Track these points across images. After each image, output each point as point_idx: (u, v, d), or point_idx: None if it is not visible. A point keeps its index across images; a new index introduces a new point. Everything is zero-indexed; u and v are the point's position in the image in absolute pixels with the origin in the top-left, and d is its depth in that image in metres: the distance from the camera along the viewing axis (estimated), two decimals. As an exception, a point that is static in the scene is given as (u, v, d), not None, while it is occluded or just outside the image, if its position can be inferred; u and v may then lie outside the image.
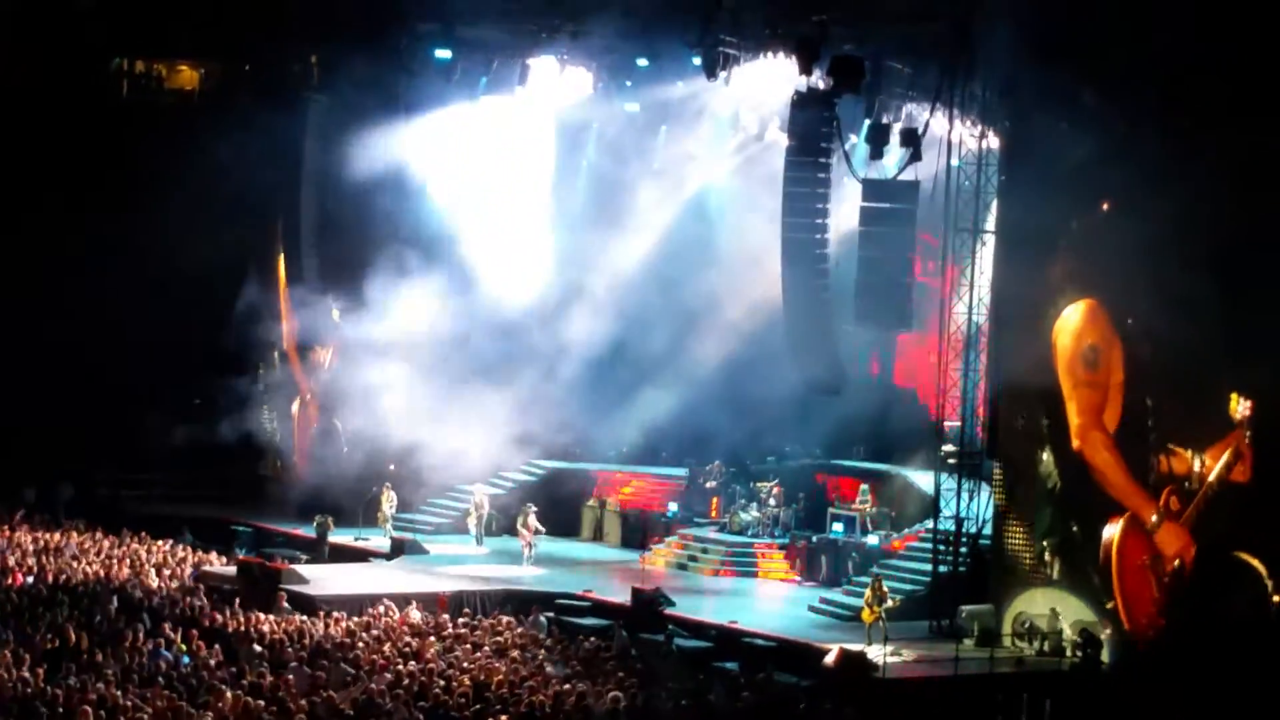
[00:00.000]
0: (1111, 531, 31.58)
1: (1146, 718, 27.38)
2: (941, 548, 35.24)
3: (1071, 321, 32.54)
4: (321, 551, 40.35)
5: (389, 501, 42.53)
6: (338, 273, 44.31)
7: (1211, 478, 30.21)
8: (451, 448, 41.84)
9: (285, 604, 32.86)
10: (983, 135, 35.42)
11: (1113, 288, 31.71)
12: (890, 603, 32.78)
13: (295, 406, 46.43)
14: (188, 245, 42.31)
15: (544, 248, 43.86)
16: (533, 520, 40.22)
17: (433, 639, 29.84)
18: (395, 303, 42.22)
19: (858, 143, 38.92)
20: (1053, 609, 32.17)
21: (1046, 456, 33.10)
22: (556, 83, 41.80)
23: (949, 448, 35.94)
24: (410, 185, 43.58)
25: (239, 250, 44.88)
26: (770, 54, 38.16)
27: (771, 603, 37.39)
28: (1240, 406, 29.76)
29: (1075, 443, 32.30)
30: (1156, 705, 27.38)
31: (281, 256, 46.02)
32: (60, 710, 22.64)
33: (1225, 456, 30.07)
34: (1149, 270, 29.95)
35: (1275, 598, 29.27)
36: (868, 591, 32.89)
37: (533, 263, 43.45)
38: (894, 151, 37.71)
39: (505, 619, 33.03)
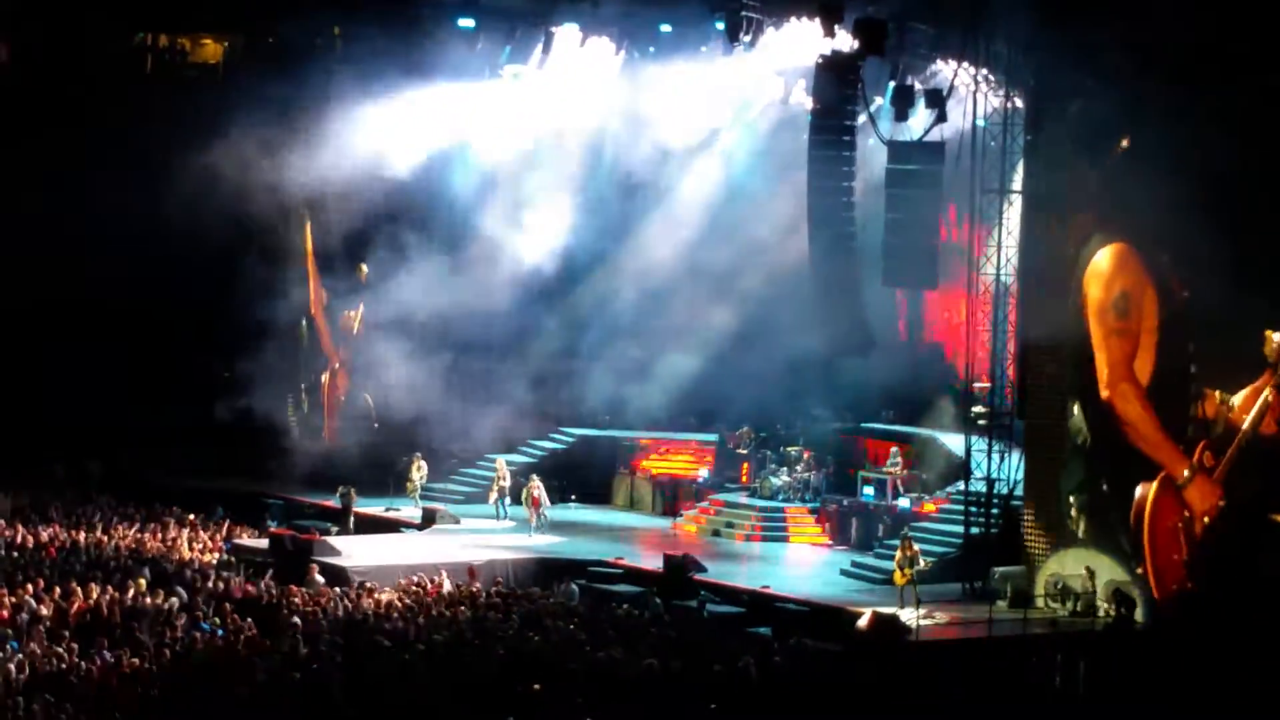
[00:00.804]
0: (1144, 491, 31.15)
1: (1178, 678, 27.25)
2: (973, 510, 35.18)
3: (1102, 267, 32.01)
4: (346, 523, 40.33)
5: (419, 472, 42.52)
6: (361, 243, 44.32)
7: (1245, 427, 29.96)
8: (475, 419, 41.85)
9: (317, 576, 32.91)
10: (1008, 95, 35.19)
11: (1141, 237, 31.40)
12: (922, 564, 32.69)
13: (325, 377, 46.42)
14: (212, 219, 42.29)
15: (566, 217, 43.74)
16: (538, 492, 40.18)
17: (465, 609, 29.90)
18: (417, 273, 42.20)
19: (883, 105, 38.80)
20: (1087, 568, 31.78)
21: (1076, 410, 32.75)
22: (579, 51, 41.71)
23: (979, 409, 35.82)
24: (433, 156, 43.52)
25: (262, 223, 44.83)
26: (793, 18, 38.04)
27: (803, 567, 37.35)
28: (1275, 341, 29.51)
29: (1104, 393, 31.85)
30: (1187, 666, 27.26)
31: (308, 225, 45.99)
32: (95, 684, 22.74)
33: (1257, 405, 29.84)
34: (1175, 223, 29.71)
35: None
36: (898, 553, 32.78)
37: (556, 232, 43.36)
38: (919, 113, 37.56)
39: (537, 588, 33.09)
